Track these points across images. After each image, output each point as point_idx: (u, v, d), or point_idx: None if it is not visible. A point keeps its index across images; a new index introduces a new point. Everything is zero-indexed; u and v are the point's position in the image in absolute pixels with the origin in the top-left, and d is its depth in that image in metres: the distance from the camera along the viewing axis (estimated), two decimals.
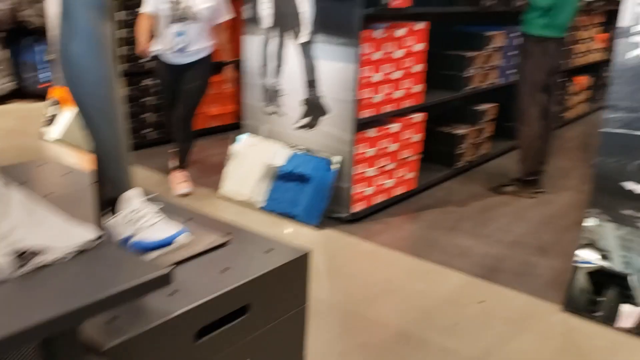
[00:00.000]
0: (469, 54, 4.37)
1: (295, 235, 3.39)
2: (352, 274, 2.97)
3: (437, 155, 4.52)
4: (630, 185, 2.55)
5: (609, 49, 7.10)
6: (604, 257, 2.64)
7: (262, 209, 3.63)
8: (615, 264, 2.60)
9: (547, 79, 4.06)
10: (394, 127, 3.65)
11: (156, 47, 3.69)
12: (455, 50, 4.45)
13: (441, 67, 4.40)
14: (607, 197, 2.62)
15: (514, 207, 4.01)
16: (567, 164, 5.01)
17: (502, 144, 5.17)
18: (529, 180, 4.18)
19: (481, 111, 4.68)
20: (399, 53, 3.53)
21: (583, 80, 6.69)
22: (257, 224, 3.49)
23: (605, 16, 6.81)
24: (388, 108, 3.58)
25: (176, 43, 3.59)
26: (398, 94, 3.62)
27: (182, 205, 1.70)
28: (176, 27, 3.56)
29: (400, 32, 3.50)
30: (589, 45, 6.60)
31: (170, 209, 1.57)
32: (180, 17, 3.54)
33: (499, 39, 4.62)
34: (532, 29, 3.94)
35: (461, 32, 4.64)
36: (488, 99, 4.90)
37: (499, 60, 4.72)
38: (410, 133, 3.80)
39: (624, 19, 2.46)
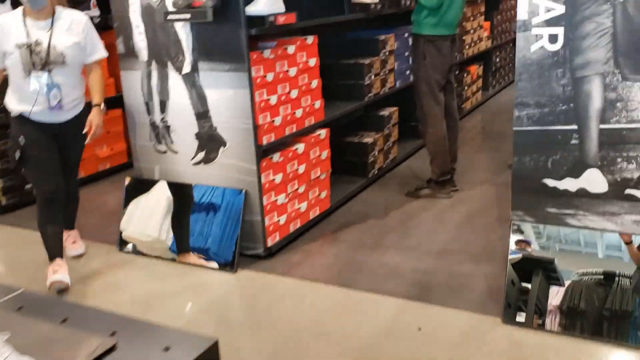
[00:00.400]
0: (366, 60, 4.22)
1: (209, 284, 3.08)
2: (276, 322, 2.69)
3: (349, 167, 4.35)
4: (551, 182, 2.45)
5: (494, 36, 7.26)
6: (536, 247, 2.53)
7: (171, 249, 3.29)
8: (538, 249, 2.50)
9: (445, 77, 3.98)
10: (299, 147, 3.42)
11: (18, 107, 2.92)
12: (352, 59, 4.29)
13: (340, 78, 4.23)
14: (529, 197, 2.51)
15: (433, 211, 3.89)
16: (473, 156, 4.99)
17: (408, 145, 5.08)
18: (443, 181, 4.08)
19: (385, 116, 4.55)
20: (293, 71, 3.31)
21: (475, 69, 6.77)
22: (167, 278, 3.15)
23: (485, 4, 6.94)
24: (290, 129, 3.34)
25: (47, 99, 2.87)
26: (299, 113, 3.39)
27: (55, 300, 1.39)
28: (41, 78, 2.84)
29: (290, 49, 3.28)
30: (479, 34, 6.69)
31: (39, 309, 1.25)
32: (43, 63, 2.84)
33: (391, 41, 4.51)
34: (423, 30, 3.85)
35: (355, 39, 4.49)
36: (389, 103, 4.80)
37: (394, 63, 4.61)
38: (316, 151, 3.58)
39: (522, 11, 2.35)
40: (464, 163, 4.53)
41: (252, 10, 3.00)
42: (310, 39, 3.45)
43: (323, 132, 3.65)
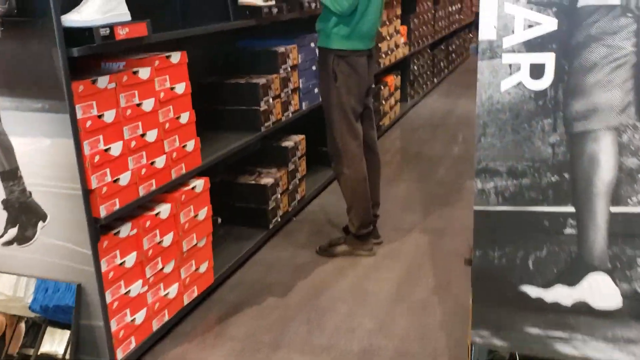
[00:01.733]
0: (261, 79, 3.25)
1: None
2: None
3: (244, 216, 3.38)
4: (533, 291, 1.59)
5: (411, 42, 6.50)
6: None
7: None
8: None
9: (362, 102, 3.09)
10: (163, 210, 2.41)
11: None
12: (243, 77, 3.32)
13: (228, 102, 3.25)
14: (499, 310, 1.64)
15: (352, 278, 2.99)
16: (396, 189, 4.15)
17: (319, 177, 4.18)
18: (363, 234, 3.19)
19: (289, 148, 3.61)
20: (149, 103, 2.30)
21: (392, 80, 5.98)
22: None
23: (401, 7, 6.16)
24: (147, 187, 2.33)
25: None
26: (160, 161, 2.38)
27: None
28: None
29: (144, 72, 2.26)
30: (395, 40, 5.89)
31: None
32: None
33: (294, 54, 3.57)
34: (332, 43, 2.94)
35: (247, 52, 3.51)
36: (294, 129, 3.86)
37: (299, 81, 3.68)
38: (190, 211, 2.59)
39: (487, 26, 1.47)
40: (385, 199, 3.66)
41: (73, 19, 1.96)
42: (176, 57, 2.45)
43: (200, 183, 2.65)
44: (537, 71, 1.44)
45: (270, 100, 3.32)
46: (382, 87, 5.56)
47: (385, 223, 3.48)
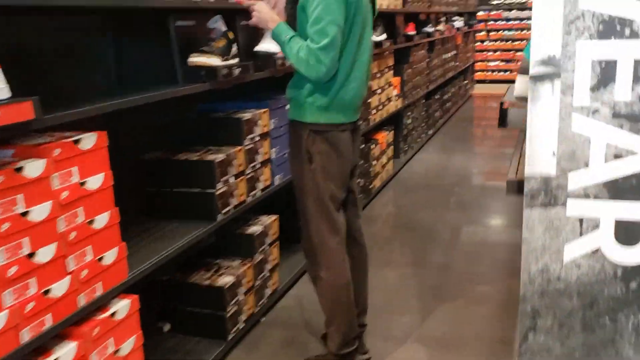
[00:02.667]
0: (219, 155, 2.62)
1: None
2: None
3: (198, 323, 2.71)
4: None
5: (404, 94, 5.94)
6: None
7: None
8: None
9: (345, 187, 2.47)
10: (65, 354, 1.75)
11: None
12: (199, 150, 2.70)
13: (177, 184, 2.62)
14: None
15: None
16: (386, 277, 3.49)
17: (294, 262, 3.52)
18: (346, 354, 2.52)
19: (256, 235, 2.96)
20: (42, 210, 1.65)
21: (385, 137, 5.38)
22: None
23: (394, 56, 5.61)
24: (38, 326, 1.67)
25: None
26: (60, 287, 1.73)
27: None
28: None
29: (33, 168, 1.62)
30: (387, 93, 5.32)
31: None
32: None
33: (264, 119, 2.96)
34: (306, 115, 2.33)
35: (205, 119, 2.90)
36: (264, 208, 3.23)
37: (271, 151, 3.06)
38: (108, 347, 1.92)
39: (540, 153, 0.84)
40: (372, 293, 2.98)
41: None
42: (89, 140, 1.82)
43: (124, 305, 1.99)
44: (628, 233, 0.81)
45: (231, 179, 2.69)
46: (373, 146, 4.96)
47: (373, 329, 2.82)
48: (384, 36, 4.96)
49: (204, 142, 2.82)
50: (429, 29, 6.85)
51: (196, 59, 2.43)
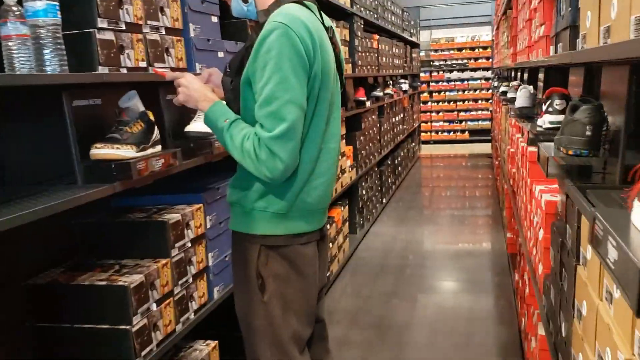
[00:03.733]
0: (136, 276, 1.92)
1: None
2: None
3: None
4: None
5: (358, 163, 5.40)
6: None
7: None
8: None
9: (312, 319, 1.81)
10: None
11: None
12: (108, 268, 1.99)
13: (76, 317, 1.90)
14: None
15: None
16: None
17: None
18: None
19: None
20: None
21: (340, 213, 4.78)
22: None
23: (345, 124, 5.10)
24: None
25: None
26: None
27: None
28: None
29: None
30: (341, 164, 4.75)
31: None
32: None
33: (199, 217, 2.29)
34: (255, 225, 1.69)
35: (118, 223, 2.20)
36: (199, 333, 2.51)
37: (207, 257, 2.38)
38: None
39: None
40: None
41: None
42: None
43: None
44: None
45: (154, 306, 1.98)
46: (328, 226, 4.32)
47: None
48: None
49: (116, 255, 2.12)
50: (378, 92, 6.43)
51: (101, 152, 1.77)
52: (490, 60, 11.95)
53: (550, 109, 2.25)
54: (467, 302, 4.06)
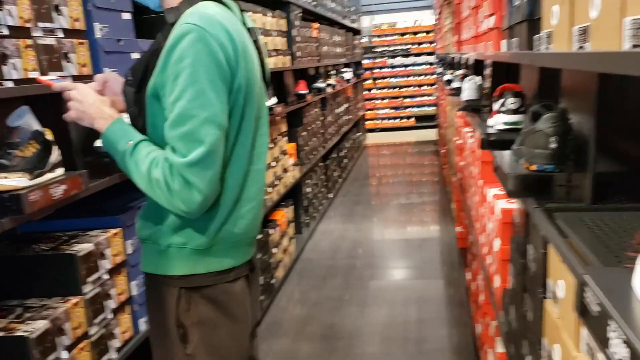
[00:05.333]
0: (39, 323, 1.63)
1: None
2: None
3: None
4: None
5: (302, 160, 5.16)
6: None
7: None
8: None
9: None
10: None
11: None
12: (7, 312, 1.69)
13: None
14: None
15: None
16: None
17: None
18: None
19: None
20: None
21: (284, 215, 4.54)
22: None
23: (287, 120, 4.85)
24: None
25: None
26: None
27: None
28: None
29: None
30: (283, 163, 4.51)
31: None
32: None
33: (117, 245, 2.00)
34: (174, 265, 1.43)
35: (20, 258, 1.89)
36: None
37: (128, 289, 2.09)
38: None
39: None
40: None
41: None
42: None
43: None
44: None
45: (64, 354, 1.70)
46: (272, 231, 4.09)
47: None
48: (274, 100, 4.17)
49: (20, 294, 1.82)
50: (320, 84, 6.19)
51: None
52: (434, 45, 11.88)
53: (502, 109, 2.06)
54: (419, 304, 3.90)
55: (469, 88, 3.38)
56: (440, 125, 8.59)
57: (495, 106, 2.14)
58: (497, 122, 2.09)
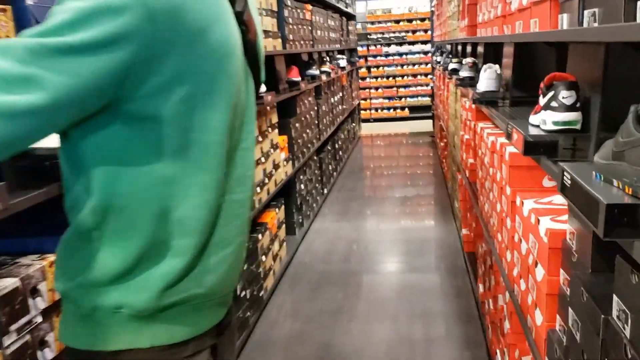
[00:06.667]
0: None
1: None
2: None
3: None
4: None
5: (294, 154, 4.72)
6: None
7: None
8: None
9: None
10: None
11: None
12: None
13: None
14: None
15: None
16: None
17: None
18: None
19: None
20: None
21: (274, 217, 4.10)
22: None
23: (277, 111, 4.39)
24: None
25: None
26: None
27: None
28: None
29: None
30: (274, 158, 4.05)
31: None
32: None
33: (52, 278, 1.55)
34: (99, 336, 0.97)
35: None
36: None
37: None
38: None
39: None
40: None
41: None
42: None
43: None
44: None
45: None
46: (260, 236, 3.65)
47: None
48: (262, 88, 3.70)
49: None
50: (314, 71, 5.72)
51: None
52: (430, 33, 11.42)
53: (553, 104, 1.62)
54: (425, 318, 3.47)
55: (488, 78, 2.93)
56: (438, 117, 8.15)
57: (542, 100, 1.69)
58: (545, 120, 1.65)
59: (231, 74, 1.01)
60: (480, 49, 4.00)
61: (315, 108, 5.78)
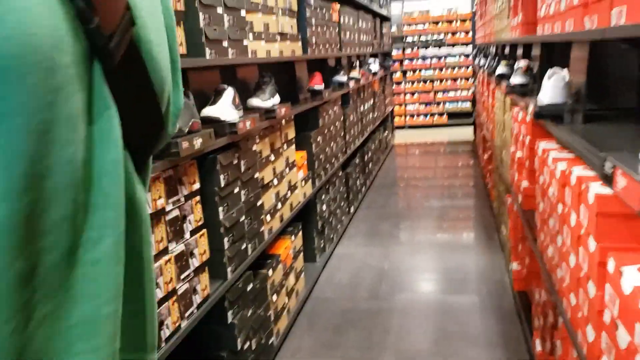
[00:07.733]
0: None
1: None
2: None
3: None
4: None
5: (315, 172, 4.13)
6: None
7: None
8: None
9: None
10: None
11: None
12: None
13: None
14: None
15: None
16: None
17: None
18: None
19: None
20: None
21: (289, 246, 3.51)
22: None
23: (295, 124, 3.82)
24: None
25: None
26: None
27: None
28: None
29: None
30: (290, 179, 3.47)
31: None
32: None
33: None
34: None
35: None
36: None
37: None
38: None
39: None
40: None
41: None
42: None
43: None
44: None
45: None
46: (271, 272, 3.07)
47: None
48: (274, 100, 3.12)
49: None
50: (341, 77, 5.13)
51: None
52: (471, 35, 10.71)
53: None
54: None
55: (554, 86, 2.30)
56: (480, 125, 7.46)
57: None
58: None
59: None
60: (535, 50, 3.35)
61: (342, 118, 5.19)
